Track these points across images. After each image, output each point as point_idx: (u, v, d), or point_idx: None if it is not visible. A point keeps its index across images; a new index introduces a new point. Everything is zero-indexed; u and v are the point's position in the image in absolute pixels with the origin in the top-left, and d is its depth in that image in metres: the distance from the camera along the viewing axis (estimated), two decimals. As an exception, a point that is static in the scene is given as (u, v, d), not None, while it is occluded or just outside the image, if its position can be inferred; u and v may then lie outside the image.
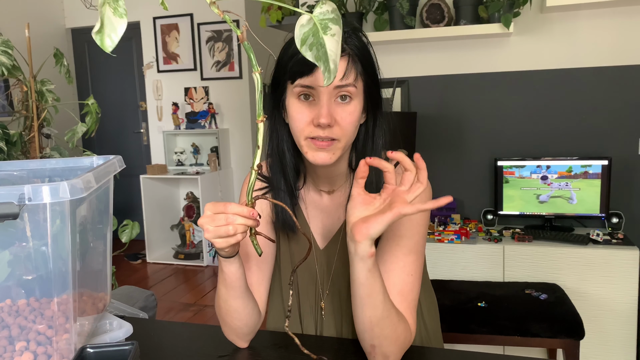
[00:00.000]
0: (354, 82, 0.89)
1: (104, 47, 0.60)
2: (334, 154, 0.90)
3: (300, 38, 0.66)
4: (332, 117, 0.88)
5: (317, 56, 0.66)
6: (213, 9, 0.66)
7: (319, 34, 0.66)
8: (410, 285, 0.94)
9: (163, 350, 1.01)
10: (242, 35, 0.69)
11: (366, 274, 0.82)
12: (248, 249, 1.01)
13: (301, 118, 0.90)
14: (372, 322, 0.86)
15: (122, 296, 1.78)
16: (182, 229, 4.69)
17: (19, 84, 1.84)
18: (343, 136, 0.90)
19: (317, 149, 0.90)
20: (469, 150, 2.72)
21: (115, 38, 0.61)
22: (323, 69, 0.66)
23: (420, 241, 0.97)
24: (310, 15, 0.67)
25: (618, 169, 2.49)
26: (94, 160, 1.05)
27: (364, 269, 0.82)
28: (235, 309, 0.94)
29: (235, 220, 0.77)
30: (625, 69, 2.46)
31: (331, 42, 0.66)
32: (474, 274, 2.37)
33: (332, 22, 0.67)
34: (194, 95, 4.63)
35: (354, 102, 0.90)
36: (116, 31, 0.61)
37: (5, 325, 0.81)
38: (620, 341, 2.23)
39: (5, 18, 4.18)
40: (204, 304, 3.62)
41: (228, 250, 0.84)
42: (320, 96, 0.88)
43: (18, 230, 0.76)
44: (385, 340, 0.87)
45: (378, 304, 0.85)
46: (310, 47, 0.66)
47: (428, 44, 2.70)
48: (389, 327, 0.86)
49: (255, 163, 0.75)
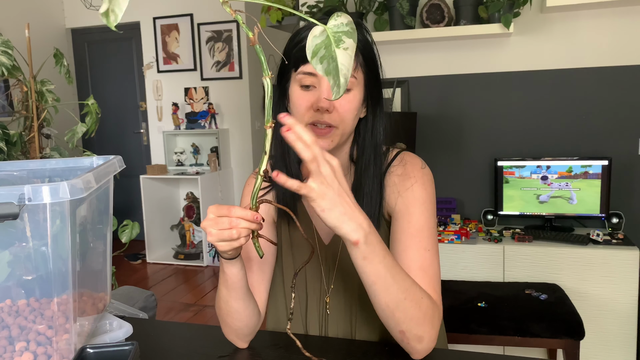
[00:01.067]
0: (353, 73, 0.91)
1: (109, 23, 0.60)
2: (332, 140, 0.93)
3: (312, 50, 0.64)
4: (332, 103, 0.90)
5: (327, 70, 0.64)
6: (225, 8, 0.66)
7: (331, 47, 0.64)
8: (429, 260, 0.95)
9: (163, 350, 1.01)
10: (254, 37, 0.67)
11: (362, 261, 0.81)
12: (249, 250, 1.01)
13: (302, 104, 0.93)
14: (390, 307, 0.85)
15: (122, 296, 1.78)
16: (182, 229, 4.69)
17: (19, 84, 1.84)
18: (341, 122, 0.92)
19: (316, 136, 0.90)
20: (469, 150, 2.72)
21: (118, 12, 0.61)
22: (332, 83, 0.64)
23: (430, 217, 0.98)
24: (324, 27, 0.65)
25: (618, 169, 2.49)
26: (94, 161, 1.05)
27: (358, 257, 0.81)
28: (236, 310, 0.94)
29: (239, 224, 0.77)
30: (625, 69, 2.46)
31: (343, 56, 0.65)
32: (474, 274, 2.37)
33: (346, 35, 0.65)
34: (194, 95, 4.63)
35: (353, 92, 0.93)
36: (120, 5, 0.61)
37: (5, 325, 0.81)
38: (620, 341, 2.23)
39: (5, 18, 4.18)
40: (204, 304, 3.62)
41: (230, 253, 0.84)
42: (320, 83, 0.91)
43: (18, 231, 0.76)
44: (412, 322, 0.86)
45: (388, 287, 0.83)
46: (321, 60, 0.64)
47: (428, 44, 2.70)
48: (412, 308, 0.85)
49: (262, 168, 0.74)
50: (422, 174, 1.01)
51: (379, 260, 0.81)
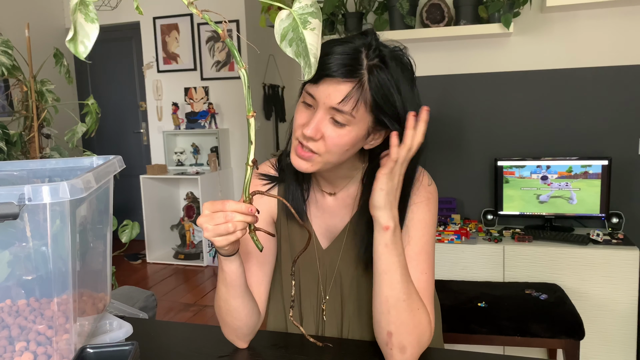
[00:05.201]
0: (350, 111, 0.85)
1: (77, 53, 0.60)
2: (312, 165, 0.90)
3: (280, 33, 0.66)
4: (320, 132, 0.87)
5: (297, 52, 0.66)
6: (191, 9, 0.66)
7: (298, 28, 0.66)
8: (424, 284, 0.95)
9: (163, 350, 1.01)
10: (223, 33, 0.69)
11: (383, 248, 0.87)
12: (248, 248, 1.01)
13: (297, 120, 0.91)
14: (389, 303, 0.87)
15: (122, 296, 1.78)
16: (182, 229, 4.69)
17: (19, 84, 1.84)
18: (326, 153, 0.88)
19: (297, 155, 0.91)
20: (469, 150, 2.72)
21: (88, 44, 0.61)
22: (303, 65, 0.66)
23: (429, 240, 0.98)
24: (290, 10, 0.66)
25: (618, 169, 2.49)
26: (94, 161, 1.05)
27: (381, 242, 0.87)
28: (235, 309, 0.94)
29: (234, 217, 0.78)
30: (625, 69, 2.46)
31: (311, 37, 0.66)
32: (474, 274, 2.37)
33: (311, 16, 0.66)
34: (193, 95, 4.63)
35: (348, 128, 0.87)
36: (89, 37, 0.61)
37: (5, 325, 0.81)
38: (620, 341, 2.23)
39: (5, 18, 4.18)
40: (204, 304, 3.62)
41: (228, 249, 0.84)
42: (317, 108, 0.87)
43: (18, 230, 0.76)
44: (402, 327, 0.87)
45: (395, 283, 0.86)
46: (290, 43, 0.66)
47: (428, 44, 2.70)
48: (407, 312, 0.87)
49: (250, 159, 0.76)
50: (428, 194, 0.99)
51: (397, 254, 0.87)
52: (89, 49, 0.61)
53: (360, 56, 0.85)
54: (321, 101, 0.86)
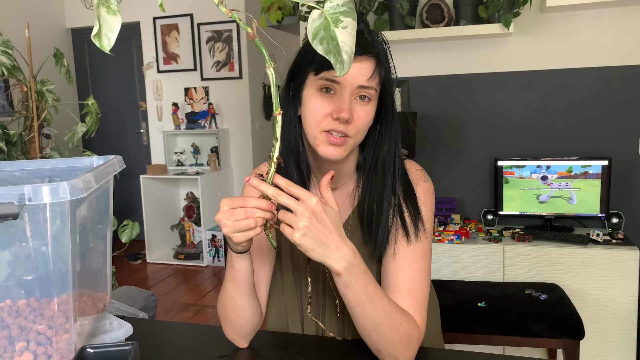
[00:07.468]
0: (376, 86, 0.91)
1: (102, 47, 0.61)
2: (345, 150, 0.92)
3: (312, 32, 0.68)
4: (352, 113, 0.89)
5: (327, 49, 0.67)
6: (221, 9, 0.67)
7: (330, 27, 0.67)
8: (419, 283, 0.95)
9: (163, 350, 1.01)
10: (253, 32, 0.70)
11: (344, 289, 0.84)
12: (251, 248, 1.01)
13: (320, 109, 0.90)
14: (367, 329, 0.87)
15: (122, 296, 1.78)
16: (182, 229, 4.69)
17: (19, 84, 1.84)
18: (357, 133, 0.92)
19: (330, 143, 0.90)
20: (469, 150, 2.72)
21: (112, 37, 0.61)
22: (334, 62, 0.67)
23: (426, 238, 0.98)
24: (321, 9, 0.68)
25: (618, 169, 2.49)
26: (94, 161, 1.05)
27: (340, 285, 0.83)
28: (242, 307, 0.95)
29: (254, 213, 0.78)
30: (625, 69, 2.46)
31: (344, 35, 0.67)
32: (474, 274, 2.37)
33: (343, 15, 0.68)
34: (194, 95, 4.63)
35: (372, 104, 0.92)
36: (112, 30, 0.61)
37: (5, 325, 0.81)
38: (620, 341, 2.23)
39: (5, 18, 4.18)
40: (204, 304, 3.62)
41: (245, 245, 0.85)
42: (342, 91, 0.89)
43: (18, 230, 0.76)
44: (387, 344, 0.88)
45: (367, 313, 0.85)
46: (320, 41, 0.67)
47: (428, 44, 2.70)
48: (388, 332, 0.87)
49: (275, 155, 0.76)
50: (425, 190, 1.00)
51: (360, 289, 0.83)
52: (113, 42, 0.62)
53: (365, 35, 0.92)
54: (348, 82, 0.89)
